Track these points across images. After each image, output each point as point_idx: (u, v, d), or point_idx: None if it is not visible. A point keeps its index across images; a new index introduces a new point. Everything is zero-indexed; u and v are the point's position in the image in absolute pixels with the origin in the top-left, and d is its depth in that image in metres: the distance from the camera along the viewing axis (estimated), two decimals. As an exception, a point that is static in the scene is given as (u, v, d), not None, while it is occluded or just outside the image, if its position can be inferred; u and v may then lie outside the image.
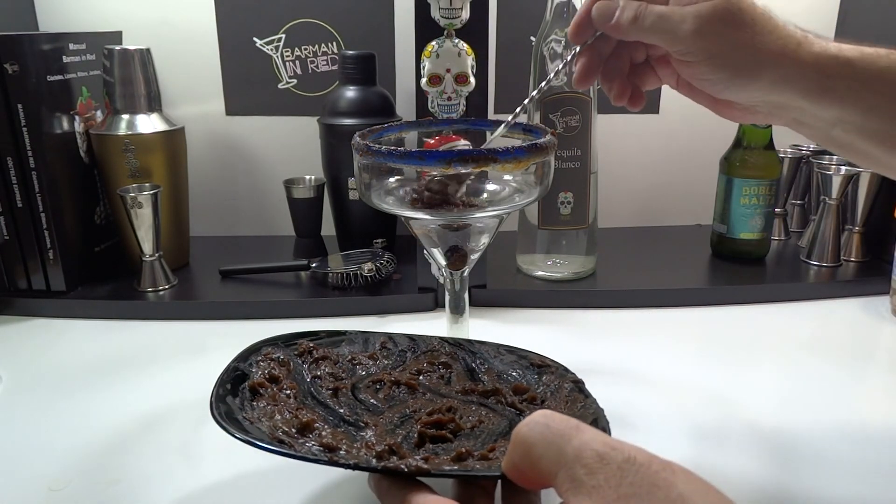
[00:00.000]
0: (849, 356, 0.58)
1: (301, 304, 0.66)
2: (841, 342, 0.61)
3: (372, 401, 0.40)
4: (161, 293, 0.68)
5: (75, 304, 0.66)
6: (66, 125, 0.67)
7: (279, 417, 0.36)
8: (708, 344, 0.61)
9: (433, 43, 0.59)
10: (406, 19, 0.79)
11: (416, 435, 0.36)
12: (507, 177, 0.48)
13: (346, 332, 0.47)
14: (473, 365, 0.44)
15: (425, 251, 0.57)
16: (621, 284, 0.70)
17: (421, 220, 0.46)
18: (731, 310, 0.67)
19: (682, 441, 0.45)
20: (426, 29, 0.60)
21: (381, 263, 0.69)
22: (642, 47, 0.44)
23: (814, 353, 0.58)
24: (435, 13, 0.58)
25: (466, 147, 0.50)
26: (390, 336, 0.47)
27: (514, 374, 0.43)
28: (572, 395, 0.39)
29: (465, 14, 0.59)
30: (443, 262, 0.49)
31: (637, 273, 0.73)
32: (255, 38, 0.81)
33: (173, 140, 0.71)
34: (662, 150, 0.90)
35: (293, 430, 0.35)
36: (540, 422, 0.27)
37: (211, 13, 0.80)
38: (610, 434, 0.33)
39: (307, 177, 0.80)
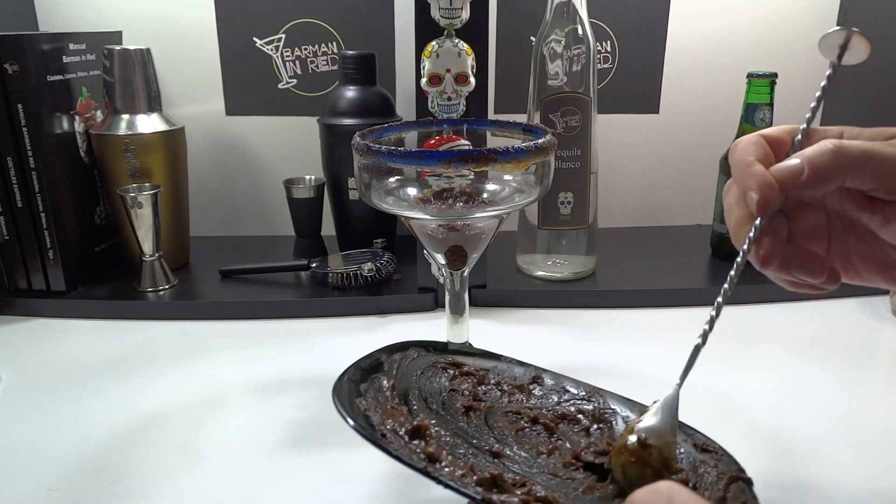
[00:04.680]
0: (849, 356, 0.58)
1: (301, 304, 0.66)
2: (841, 342, 0.61)
3: (503, 430, 0.38)
4: (161, 293, 0.68)
5: (75, 304, 0.66)
6: (66, 125, 0.67)
7: (398, 416, 0.34)
8: (708, 344, 0.61)
9: (433, 43, 0.59)
10: (406, 19, 0.79)
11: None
12: (507, 177, 0.48)
13: (502, 356, 0.45)
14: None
15: (425, 251, 0.57)
16: (621, 284, 0.70)
17: (421, 220, 0.46)
18: (732, 310, 0.66)
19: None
20: (426, 29, 0.60)
21: (381, 263, 0.69)
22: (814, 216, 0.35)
23: (814, 353, 0.58)
24: (435, 13, 0.58)
25: (466, 147, 0.50)
26: (547, 374, 0.44)
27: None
28: (733, 494, 0.32)
29: (465, 14, 0.59)
30: (443, 261, 0.49)
31: (637, 273, 0.73)
32: (255, 38, 0.81)
33: (173, 140, 0.71)
34: (662, 150, 0.90)
35: (402, 430, 0.33)
36: (663, 493, 0.24)
37: (211, 13, 0.80)
38: None
39: (307, 177, 0.80)
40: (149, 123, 0.69)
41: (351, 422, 0.32)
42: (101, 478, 0.41)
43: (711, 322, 0.35)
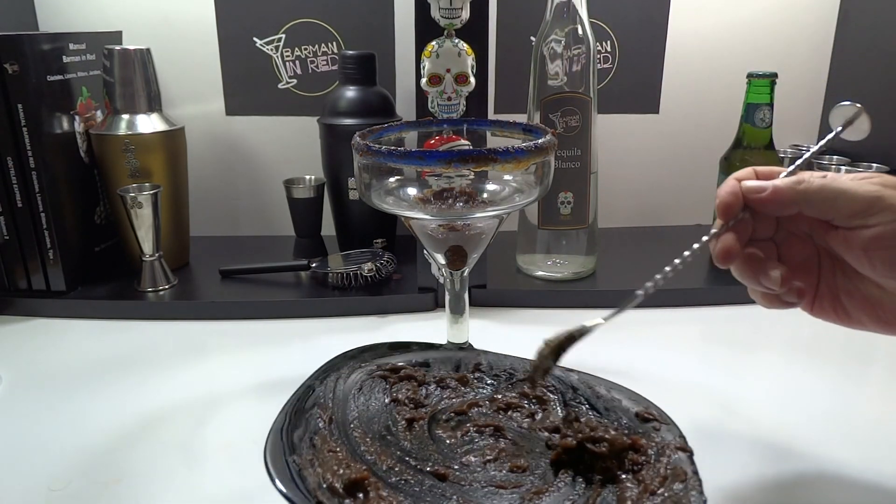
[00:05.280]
0: (849, 356, 0.58)
1: (301, 304, 0.66)
2: (841, 342, 0.61)
3: (447, 441, 0.38)
4: (161, 293, 0.68)
5: (75, 304, 0.66)
6: (66, 125, 0.67)
7: (334, 465, 0.34)
8: (708, 344, 0.61)
9: (433, 43, 0.59)
10: (406, 19, 0.79)
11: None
12: (507, 177, 0.48)
13: (441, 346, 0.45)
14: (572, 404, 0.41)
15: (425, 251, 0.57)
16: (621, 284, 0.70)
17: (421, 220, 0.46)
18: (731, 310, 0.67)
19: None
20: (426, 29, 0.60)
21: (381, 263, 0.69)
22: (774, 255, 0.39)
23: (813, 353, 0.58)
24: (435, 13, 0.58)
25: (466, 147, 0.50)
26: (487, 358, 0.45)
27: (611, 429, 0.38)
28: (674, 469, 0.34)
29: (465, 14, 0.59)
30: (443, 261, 0.49)
31: (637, 273, 0.73)
32: (255, 38, 0.81)
33: (173, 140, 0.71)
34: (662, 150, 0.90)
35: (340, 484, 0.32)
36: None
37: (211, 13, 0.80)
38: None
39: (307, 177, 0.80)
40: (149, 123, 0.69)
41: (283, 489, 0.31)
42: (101, 478, 0.41)
43: (656, 283, 0.40)
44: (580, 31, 0.64)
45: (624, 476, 0.34)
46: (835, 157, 0.82)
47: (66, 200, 0.67)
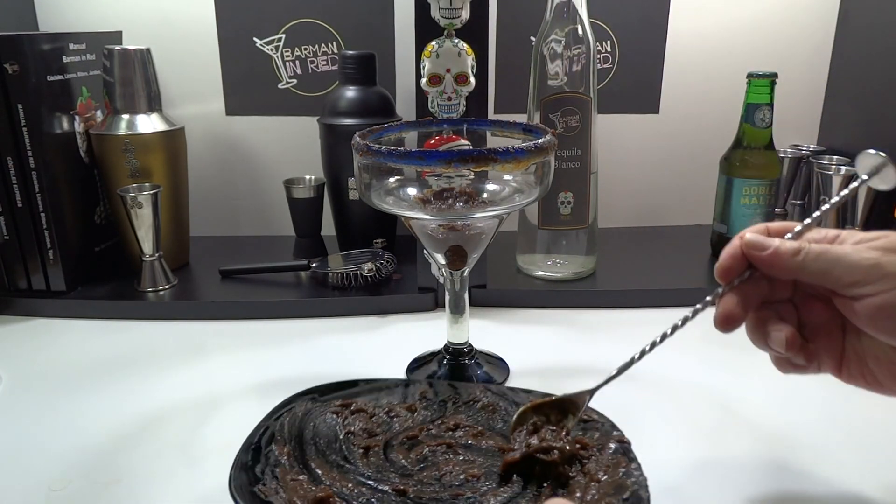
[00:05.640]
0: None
1: (301, 304, 0.66)
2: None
3: (402, 462, 0.39)
4: (161, 293, 0.68)
5: (75, 304, 0.66)
6: (66, 125, 0.67)
7: (299, 489, 0.35)
8: (708, 344, 0.61)
9: (433, 43, 0.59)
10: (406, 19, 0.79)
11: None
12: (507, 177, 0.48)
13: (387, 380, 0.46)
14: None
15: (425, 251, 0.57)
16: (621, 284, 0.70)
17: (421, 220, 0.46)
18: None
19: (683, 441, 0.45)
20: (426, 29, 0.60)
21: (381, 263, 0.69)
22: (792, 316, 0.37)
23: (814, 353, 0.58)
24: (435, 13, 0.58)
25: (466, 147, 0.50)
26: (431, 384, 0.46)
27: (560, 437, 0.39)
28: (615, 458, 0.37)
29: (465, 14, 0.59)
30: (443, 261, 0.49)
31: (637, 273, 0.73)
32: (255, 38, 0.81)
33: (173, 140, 0.71)
34: (662, 150, 0.90)
35: None
36: None
37: (211, 13, 0.80)
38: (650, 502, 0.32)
39: (307, 177, 0.80)
40: (149, 123, 0.69)
41: None
42: (101, 478, 0.41)
43: (652, 345, 0.40)
44: (580, 31, 0.64)
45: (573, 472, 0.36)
46: (835, 157, 0.82)
47: (66, 200, 0.67)
